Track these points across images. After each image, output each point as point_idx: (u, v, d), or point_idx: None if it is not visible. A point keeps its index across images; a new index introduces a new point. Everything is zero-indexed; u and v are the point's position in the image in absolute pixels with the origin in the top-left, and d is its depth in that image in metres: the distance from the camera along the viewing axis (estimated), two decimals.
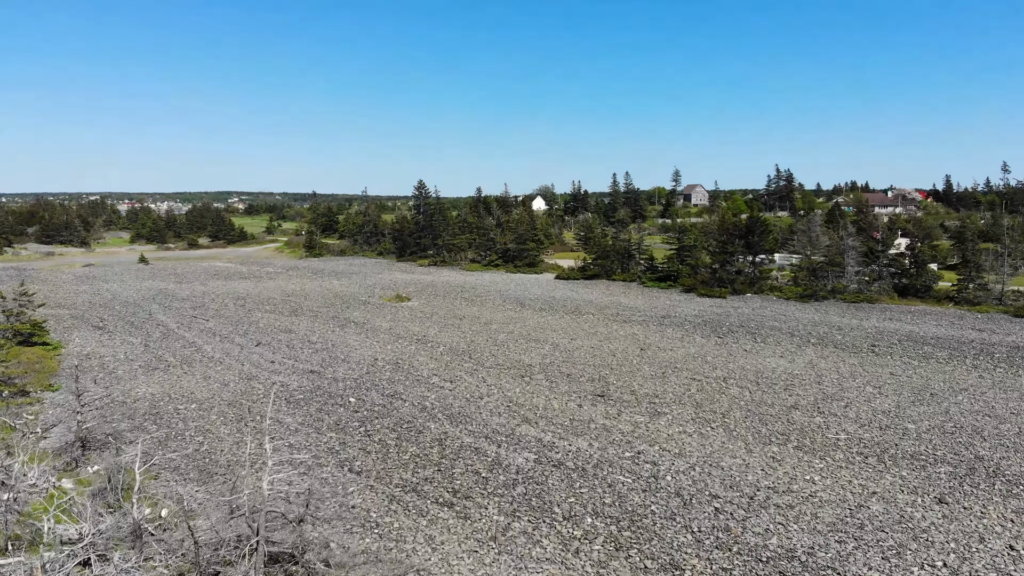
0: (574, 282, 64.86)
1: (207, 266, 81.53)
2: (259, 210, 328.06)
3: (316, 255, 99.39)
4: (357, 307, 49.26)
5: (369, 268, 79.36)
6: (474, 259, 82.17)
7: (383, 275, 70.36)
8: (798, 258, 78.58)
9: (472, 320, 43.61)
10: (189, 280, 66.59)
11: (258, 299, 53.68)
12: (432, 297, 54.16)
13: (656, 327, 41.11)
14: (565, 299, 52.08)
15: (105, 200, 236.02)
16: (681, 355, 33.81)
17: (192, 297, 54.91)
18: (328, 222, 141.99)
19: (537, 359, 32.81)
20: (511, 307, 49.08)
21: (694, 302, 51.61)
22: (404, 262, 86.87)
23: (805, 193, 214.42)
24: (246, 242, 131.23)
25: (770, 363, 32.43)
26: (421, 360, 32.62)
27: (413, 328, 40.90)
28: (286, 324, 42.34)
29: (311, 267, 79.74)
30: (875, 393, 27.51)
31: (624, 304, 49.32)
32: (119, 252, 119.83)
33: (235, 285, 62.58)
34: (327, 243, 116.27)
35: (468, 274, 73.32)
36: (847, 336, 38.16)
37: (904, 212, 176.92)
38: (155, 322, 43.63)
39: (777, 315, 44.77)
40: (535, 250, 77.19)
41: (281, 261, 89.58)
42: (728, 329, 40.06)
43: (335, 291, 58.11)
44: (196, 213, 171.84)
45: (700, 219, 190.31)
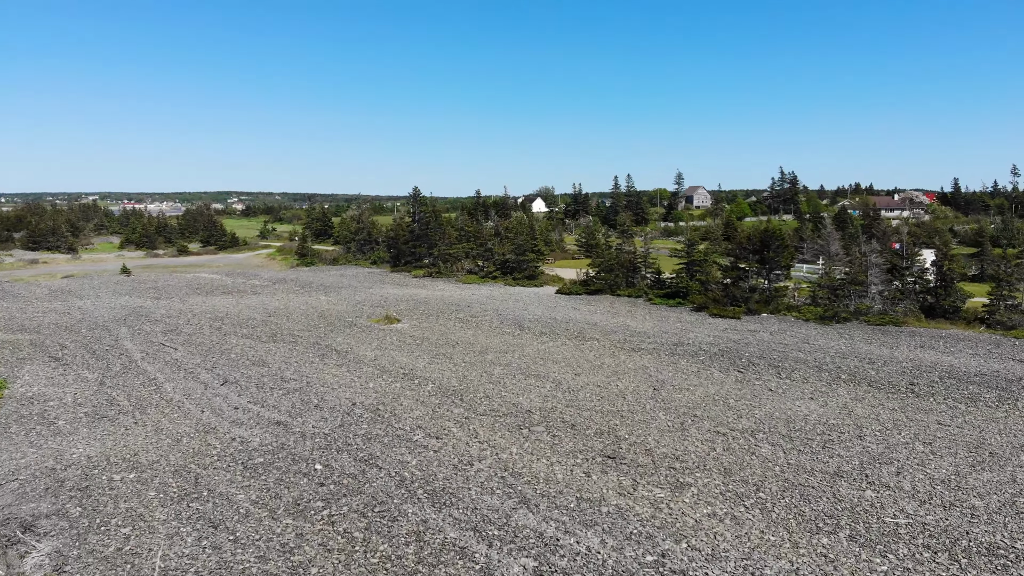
0: (576, 297, 60.99)
1: (191, 278, 77.66)
2: (256, 212, 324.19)
3: (307, 264, 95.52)
4: (342, 330, 45.37)
5: (361, 280, 75.48)
6: (471, 270, 78.31)
7: (374, 289, 66.47)
8: (810, 268, 74.78)
9: (466, 347, 39.74)
10: (168, 296, 62.71)
11: (237, 320, 49.80)
12: (424, 317, 50.27)
13: (668, 357, 37.23)
14: (567, 320, 48.19)
15: (98, 203, 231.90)
16: (700, 396, 29.93)
17: (167, 317, 51.03)
18: (322, 227, 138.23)
19: (537, 401, 28.94)
20: (509, 330, 45.20)
21: (706, 324, 47.73)
22: (398, 272, 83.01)
23: (810, 196, 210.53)
24: (238, 248, 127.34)
25: (800, 408, 28.57)
26: (405, 404, 28.74)
27: (400, 359, 37.03)
28: (261, 354, 38.46)
29: (299, 279, 75.88)
30: (927, 453, 23.65)
31: (631, 328, 45.42)
32: (106, 259, 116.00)
33: (216, 302, 58.70)
34: (320, 250, 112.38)
35: (464, 287, 69.45)
36: (881, 371, 34.29)
37: (912, 216, 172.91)
38: (119, 351, 39.76)
39: (800, 342, 40.89)
40: (535, 261, 73.34)
41: (269, 272, 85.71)
42: (748, 361, 36.17)
43: (321, 309, 54.23)
44: (189, 216, 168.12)
45: (703, 222, 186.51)
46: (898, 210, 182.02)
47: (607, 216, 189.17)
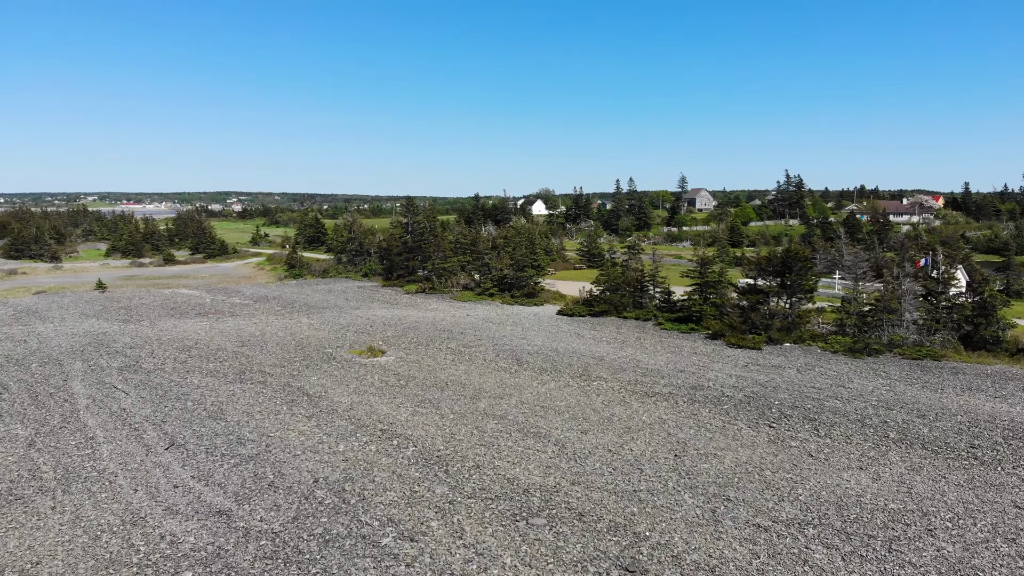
0: (580, 320, 56.22)
1: (168, 295, 72.87)
2: (253, 214, 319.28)
3: (295, 276, 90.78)
4: (319, 366, 40.61)
5: (349, 297, 70.68)
6: (467, 285, 73.53)
7: (361, 310, 61.66)
8: (840, 284, 69.96)
9: (457, 390, 34.99)
10: (138, 318, 57.95)
11: (205, 351, 45.03)
12: (413, 347, 45.50)
13: (687, 405, 32.47)
14: (571, 353, 43.38)
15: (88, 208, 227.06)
16: (730, 465, 25.18)
17: (130, 348, 46.28)
18: (315, 233, 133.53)
19: (537, 475, 24.20)
20: (506, 364, 40.45)
21: (725, 356, 42.95)
22: (390, 287, 78.23)
23: (815, 199, 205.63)
24: (227, 256, 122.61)
25: (851, 483, 23.84)
26: (379, 479, 23.98)
27: (380, 407, 32.27)
28: (223, 400, 33.70)
29: (283, 296, 71.10)
30: (1013, 558, 18.93)
31: (642, 364, 40.61)
32: (89, 269, 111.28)
33: (188, 327, 53.94)
34: (311, 260, 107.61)
35: (459, 306, 64.69)
36: (933, 426, 29.53)
37: (921, 221, 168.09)
38: (65, 395, 35.03)
39: (834, 385, 36.10)
40: (535, 277, 68.54)
41: (253, 287, 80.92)
42: (780, 412, 31.41)
43: (300, 337, 49.45)
44: (180, 222, 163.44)
45: (708, 227, 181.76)
46: (907, 215, 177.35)
47: (609, 220, 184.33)
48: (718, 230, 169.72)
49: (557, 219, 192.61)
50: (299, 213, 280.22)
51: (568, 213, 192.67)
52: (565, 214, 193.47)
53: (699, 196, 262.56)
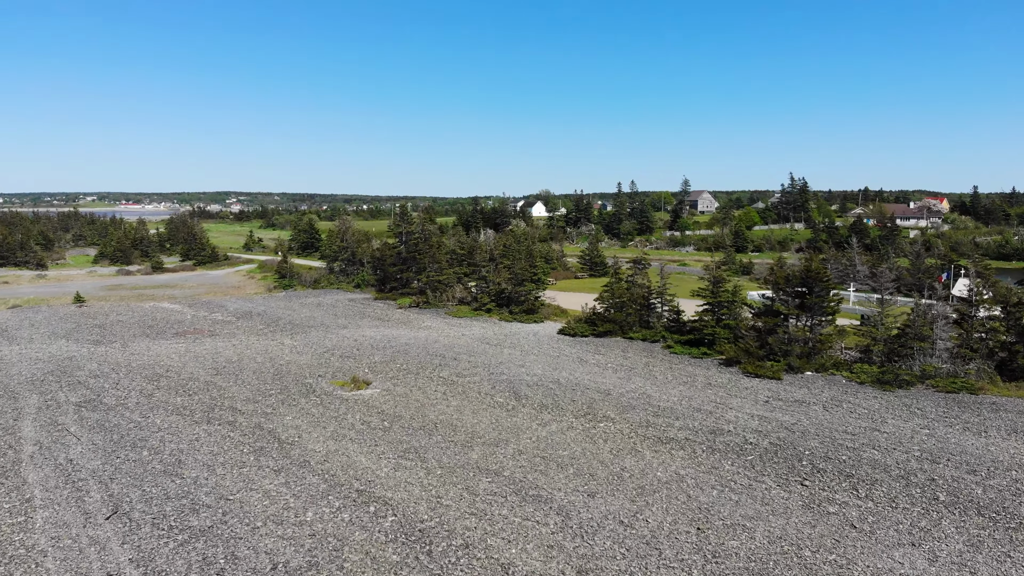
0: (583, 341, 52.48)
1: (149, 310, 69.14)
2: (250, 216, 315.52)
3: (285, 286, 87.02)
4: (296, 401, 36.87)
5: (338, 312, 66.91)
6: (464, 299, 69.79)
7: (349, 329, 57.90)
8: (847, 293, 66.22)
9: (446, 434, 31.26)
10: (111, 339, 54.23)
11: (176, 381, 41.31)
12: (401, 376, 41.75)
13: (707, 455, 28.72)
14: (574, 385, 39.61)
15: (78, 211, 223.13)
16: (762, 543, 21.45)
17: (96, 376, 42.57)
18: (308, 239, 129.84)
19: (537, 560, 20.46)
20: (502, 399, 36.73)
21: (743, 388, 39.19)
22: (383, 300, 74.47)
23: (820, 203, 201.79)
24: (217, 263, 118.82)
25: (904, 564, 20.14)
26: (350, 566, 20.23)
27: (358, 458, 28.53)
28: (182, 448, 29.97)
29: (268, 311, 67.34)
30: None
31: (653, 399, 36.81)
32: (74, 277, 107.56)
33: (162, 350, 50.21)
34: (303, 267, 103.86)
35: (454, 323, 60.94)
36: (987, 486, 25.78)
37: (930, 225, 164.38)
38: (12, 438, 31.33)
39: (868, 428, 32.31)
40: (535, 291, 64.76)
41: (238, 301, 77.15)
42: (811, 464, 27.66)
43: (280, 362, 45.71)
44: (172, 226, 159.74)
45: (711, 231, 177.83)
46: (914, 218, 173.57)
47: (610, 224, 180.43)
48: (722, 234, 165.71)
49: (557, 222, 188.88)
50: (296, 216, 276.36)
51: (568, 216, 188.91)
52: (565, 217, 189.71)
53: (701, 198, 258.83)
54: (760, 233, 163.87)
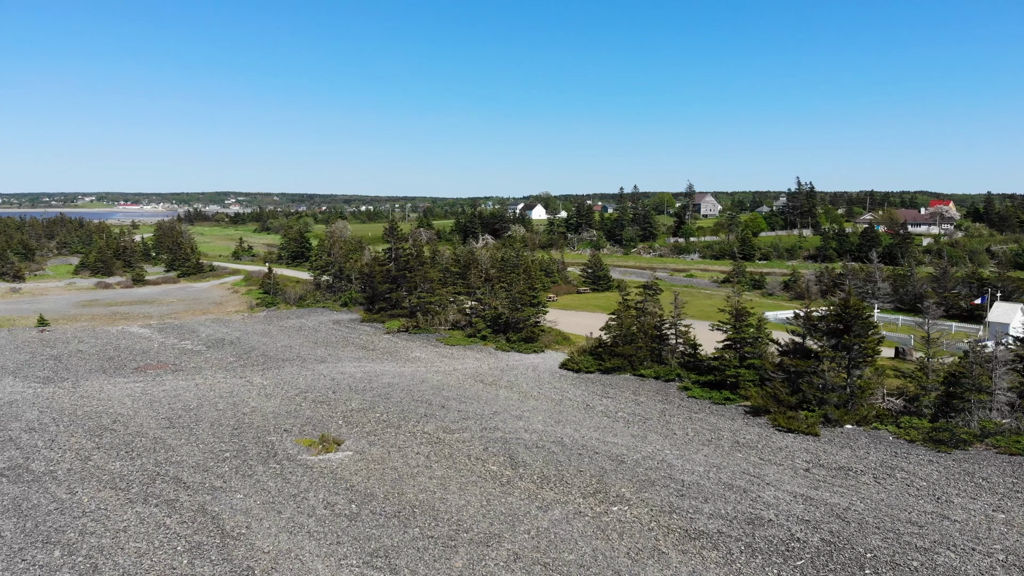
0: (588, 379, 46.86)
1: (116, 335, 63.57)
2: (246, 218, 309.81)
3: (268, 304, 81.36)
4: (253, 469, 31.22)
5: (320, 339, 61.27)
6: (457, 323, 64.15)
7: (329, 362, 52.24)
8: (903, 321, 60.64)
9: (425, 525, 25.62)
10: (64, 375, 48.64)
11: (123, 436, 35.71)
12: (379, 431, 36.12)
13: (746, 560, 23.06)
14: (580, 446, 33.91)
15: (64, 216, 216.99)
16: None
17: (31, 430, 36.98)
18: (298, 248, 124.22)
19: None
20: (496, 466, 31.11)
21: (777, 449, 33.54)
22: (370, 323, 68.82)
23: (827, 208, 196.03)
24: (202, 275, 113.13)
25: None
26: None
27: (313, 565, 22.87)
28: (104, 545, 24.33)
29: (243, 339, 61.71)
30: None
31: (675, 470, 31.03)
32: (49, 291, 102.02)
33: (116, 391, 44.60)
34: (290, 281, 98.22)
35: (446, 353, 55.34)
36: None
37: (943, 232, 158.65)
38: None
39: (933, 512, 26.63)
40: (535, 315, 59.10)
41: (213, 325, 71.51)
42: (875, 575, 22.07)
43: (244, 410, 40.09)
44: (160, 233, 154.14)
45: (716, 238, 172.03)
46: (925, 225, 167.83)
47: (612, 230, 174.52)
48: (728, 241, 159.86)
49: (558, 228, 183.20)
50: (291, 220, 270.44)
51: (569, 222, 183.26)
52: (566, 222, 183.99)
53: (704, 201, 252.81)
54: (767, 240, 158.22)
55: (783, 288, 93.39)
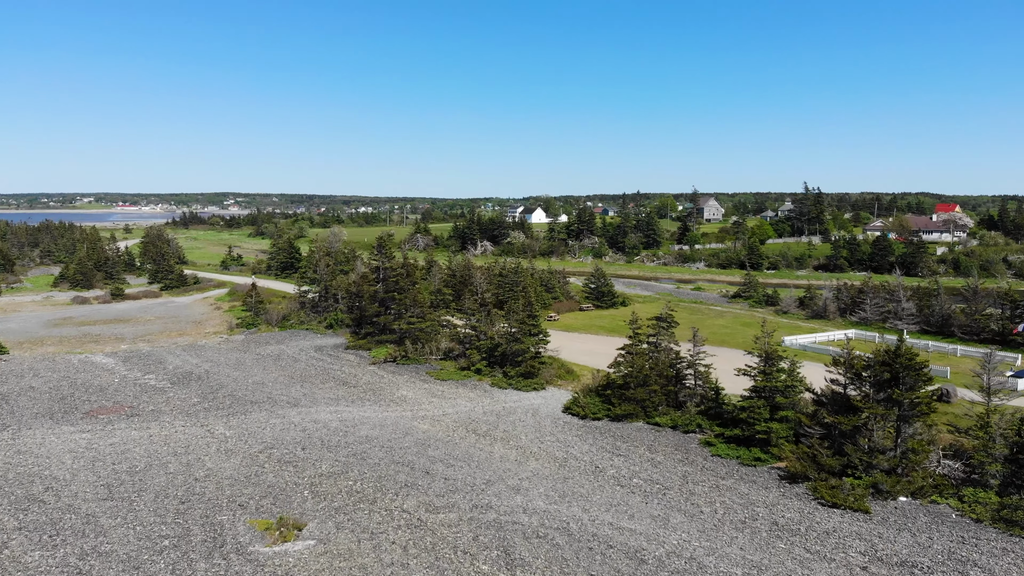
0: (596, 430, 41.22)
1: (77, 365, 57.98)
2: (241, 222, 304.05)
3: (249, 325, 75.69)
4: (194, 564, 25.55)
5: (298, 372, 55.65)
6: (450, 351, 58.53)
7: (302, 407, 46.52)
8: None
9: None
10: (6, 421, 43.04)
11: (51, 510, 30.08)
12: (350, 508, 30.48)
13: None
14: (590, 538, 28.13)
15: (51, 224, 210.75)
16: None
17: None
18: (288, 259, 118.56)
19: None
20: (487, 565, 25.45)
21: (824, 536, 27.87)
22: (355, 349, 63.20)
23: (835, 214, 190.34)
24: (185, 289, 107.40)
25: None
26: None
27: None
28: None
29: (213, 372, 56.10)
30: None
31: (707, 572, 25.40)
32: (24, 306, 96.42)
33: (59, 443, 38.99)
34: (277, 295, 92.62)
35: (436, 390, 49.74)
36: None
37: (957, 241, 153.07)
38: None
39: None
40: (536, 345, 53.45)
41: (184, 354, 65.85)
42: None
43: (198, 474, 34.46)
44: (147, 240, 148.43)
45: (722, 245, 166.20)
46: (937, 232, 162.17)
47: (614, 237, 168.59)
48: (734, 249, 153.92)
49: (558, 234, 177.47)
50: (287, 223, 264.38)
51: (570, 228, 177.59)
52: (567, 228, 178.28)
53: (707, 205, 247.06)
54: (775, 248, 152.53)
55: (798, 305, 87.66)
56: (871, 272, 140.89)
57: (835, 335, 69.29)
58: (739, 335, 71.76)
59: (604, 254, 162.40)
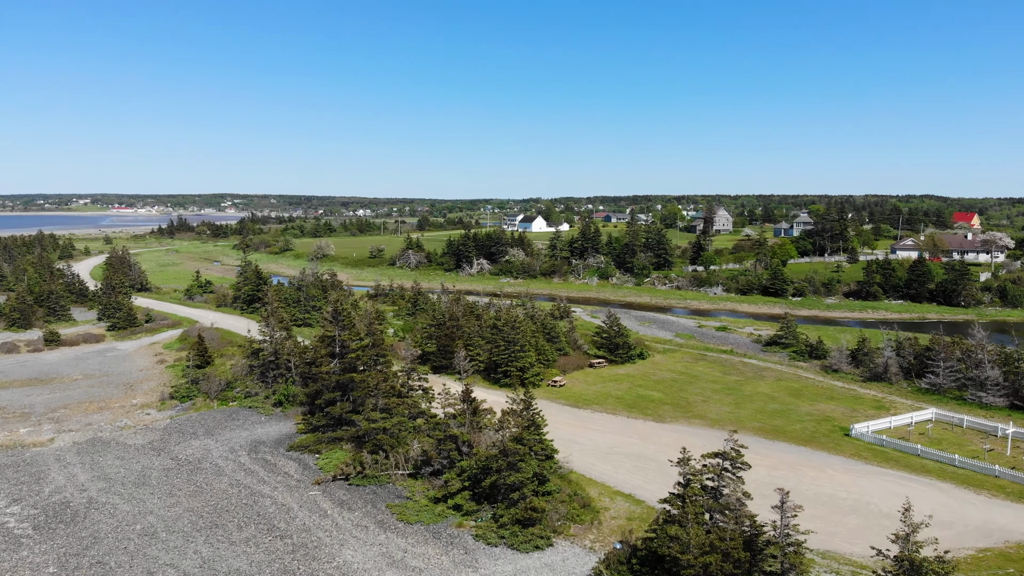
0: None
1: None
2: (227, 232, 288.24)
3: (183, 397, 60.24)
4: None
5: (215, 497, 40.07)
6: (424, 460, 43.07)
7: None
8: (995, 427, 39.60)
9: None
10: None
11: None
12: None
13: None
14: None
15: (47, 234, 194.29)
16: None
17: None
18: (253, 292, 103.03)
19: None
20: None
21: None
22: (304, 449, 47.71)
23: (859, 229, 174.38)
24: (133, 330, 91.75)
25: None
26: None
27: None
28: None
29: (101, 501, 40.57)
30: None
31: None
32: None
33: None
34: (228, 348, 77.22)
35: (394, 552, 34.24)
36: None
37: (999, 264, 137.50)
38: None
39: None
40: (540, 466, 37.89)
41: (78, 456, 50.35)
42: None
43: None
44: (110, 266, 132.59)
45: (739, 266, 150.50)
46: (973, 252, 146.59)
47: (622, 256, 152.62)
48: (755, 271, 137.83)
49: (561, 252, 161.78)
50: (272, 235, 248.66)
51: (574, 245, 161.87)
52: (570, 245, 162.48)
53: (717, 215, 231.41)
54: (798, 270, 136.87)
55: (851, 360, 72.12)
56: (908, 300, 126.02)
57: (913, 417, 53.94)
58: (793, 415, 56.44)
59: (611, 275, 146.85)
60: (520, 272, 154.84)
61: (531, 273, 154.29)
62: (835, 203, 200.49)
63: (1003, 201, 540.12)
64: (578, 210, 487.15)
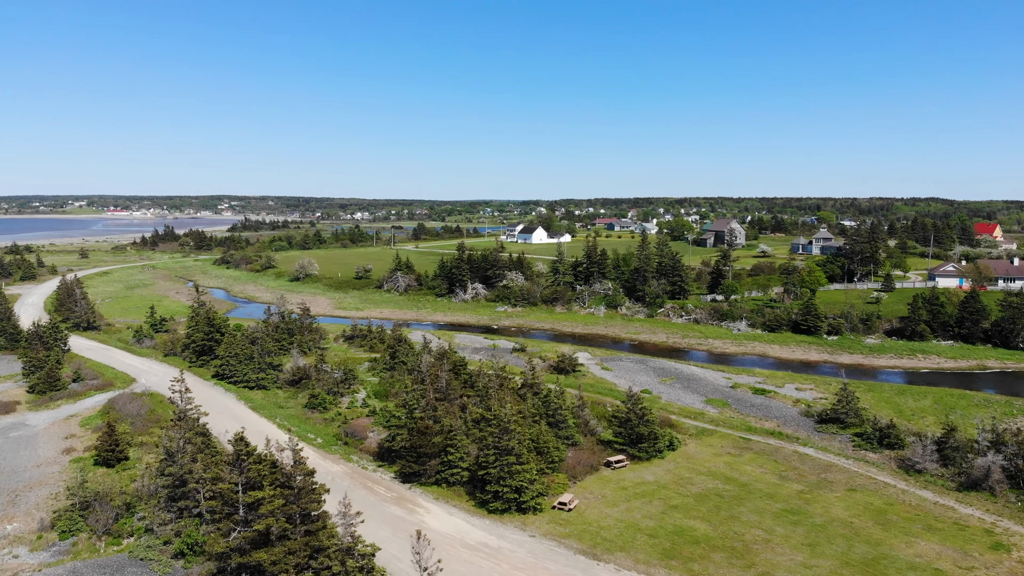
0: None
1: None
2: (211, 244, 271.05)
3: (65, 532, 43.94)
4: None
5: None
6: None
7: None
8: None
9: None
10: None
11: None
12: None
13: None
14: None
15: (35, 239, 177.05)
16: None
17: None
18: (206, 341, 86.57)
19: None
20: None
21: None
22: None
23: (891, 251, 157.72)
24: (53, 395, 75.14)
25: None
26: None
27: None
28: None
29: None
30: None
31: None
32: None
33: None
34: (162, 420, 60.94)
35: None
36: None
37: None
38: None
39: None
40: None
41: None
42: None
43: None
44: (61, 294, 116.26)
45: (762, 293, 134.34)
46: (1021, 280, 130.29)
47: (631, 282, 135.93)
48: (784, 304, 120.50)
49: (564, 277, 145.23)
50: (254, 248, 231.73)
51: (578, 269, 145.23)
52: (575, 270, 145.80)
53: (728, 229, 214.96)
54: (829, 299, 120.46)
55: (938, 458, 55.84)
56: (960, 341, 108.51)
57: None
58: (892, 569, 40.13)
59: (620, 304, 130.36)
60: (519, 299, 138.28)
61: (531, 300, 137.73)
62: (864, 223, 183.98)
63: (1010, 204, 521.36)
64: (579, 215, 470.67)
